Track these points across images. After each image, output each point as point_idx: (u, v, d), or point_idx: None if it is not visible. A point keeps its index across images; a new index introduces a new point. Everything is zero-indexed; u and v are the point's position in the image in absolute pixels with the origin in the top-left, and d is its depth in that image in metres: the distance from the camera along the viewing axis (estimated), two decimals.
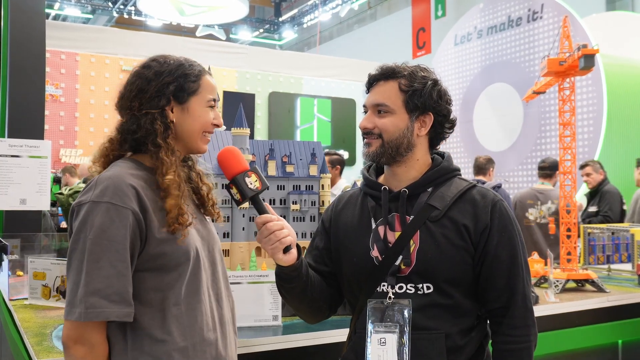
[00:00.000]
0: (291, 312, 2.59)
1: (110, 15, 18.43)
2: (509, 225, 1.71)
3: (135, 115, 1.65)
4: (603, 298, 3.14)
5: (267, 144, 2.87)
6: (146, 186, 1.58)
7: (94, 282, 1.45)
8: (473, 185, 1.75)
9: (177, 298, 1.57)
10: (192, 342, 1.58)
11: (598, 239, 4.16)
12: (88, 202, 1.51)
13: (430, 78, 1.76)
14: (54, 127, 9.21)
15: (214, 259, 1.73)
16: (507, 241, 1.70)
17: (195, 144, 1.71)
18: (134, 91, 1.65)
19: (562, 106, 3.42)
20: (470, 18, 9.71)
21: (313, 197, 2.81)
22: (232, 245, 2.70)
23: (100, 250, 1.46)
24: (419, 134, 1.75)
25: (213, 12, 13.74)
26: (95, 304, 1.44)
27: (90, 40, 9.78)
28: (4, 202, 3.75)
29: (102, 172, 1.60)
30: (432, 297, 1.66)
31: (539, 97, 8.06)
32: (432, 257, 1.66)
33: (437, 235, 1.67)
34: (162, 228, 1.56)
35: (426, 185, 1.74)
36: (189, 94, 1.68)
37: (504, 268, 1.69)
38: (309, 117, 11.73)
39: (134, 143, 1.66)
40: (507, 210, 1.73)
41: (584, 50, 3.22)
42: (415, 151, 1.76)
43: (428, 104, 1.73)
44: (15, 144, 3.83)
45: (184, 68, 1.69)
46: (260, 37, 21.52)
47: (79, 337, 1.47)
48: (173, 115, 1.66)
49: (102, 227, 1.47)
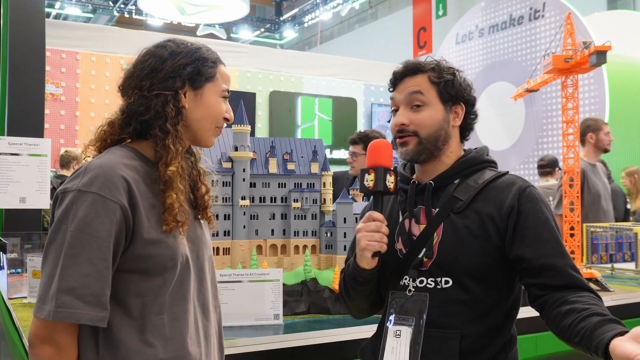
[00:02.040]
0: (292, 311, 2.57)
1: (111, 15, 18.43)
2: (545, 210, 1.64)
3: (144, 96, 1.50)
4: (607, 297, 3.12)
5: (268, 142, 2.85)
6: (139, 179, 1.45)
7: (69, 280, 1.31)
8: (502, 174, 1.72)
9: (160, 307, 1.44)
10: (173, 355, 1.45)
11: (601, 238, 4.13)
12: (74, 190, 1.37)
13: (456, 69, 1.79)
14: (54, 126, 9.19)
15: (202, 266, 1.60)
16: (544, 223, 1.61)
17: (205, 135, 1.58)
18: (145, 69, 1.52)
19: (565, 104, 3.39)
20: (471, 17, 9.68)
21: (314, 194, 2.79)
22: (233, 243, 2.68)
23: (81, 245, 1.33)
24: (454, 125, 1.76)
25: (214, 11, 13.72)
26: (68, 304, 1.30)
27: (91, 39, 9.76)
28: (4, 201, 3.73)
29: (95, 158, 1.45)
30: (450, 292, 1.62)
31: (541, 96, 8.08)
32: (452, 249, 1.63)
33: (458, 227, 1.64)
34: (152, 228, 1.42)
35: (453, 177, 1.73)
36: (206, 79, 1.56)
37: (551, 248, 1.59)
38: (310, 116, 11.70)
39: (139, 126, 1.51)
40: (540, 196, 1.67)
41: (596, 47, 3.19)
42: (450, 143, 1.76)
43: (459, 94, 1.75)
44: (15, 142, 3.81)
45: (202, 52, 1.57)
46: (261, 37, 21.51)
47: (47, 337, 1.34)
48: (186, 100, 1.53)
49: (85, 220, 1.34)
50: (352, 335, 2.31)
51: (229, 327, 2.35)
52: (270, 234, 2.76)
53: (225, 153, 2.73)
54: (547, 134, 8.16)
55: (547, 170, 5.55)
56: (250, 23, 20.57)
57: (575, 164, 3.39)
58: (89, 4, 18.06)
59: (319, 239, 2.77)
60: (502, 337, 1.66)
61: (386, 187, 1.65)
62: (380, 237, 1.63)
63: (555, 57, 3.35)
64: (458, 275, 1.63)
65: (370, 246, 1.63)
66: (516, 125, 8.54)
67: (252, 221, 2.73)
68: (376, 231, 1.63)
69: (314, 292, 2.60)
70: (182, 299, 1.49)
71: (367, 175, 1.66)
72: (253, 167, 2.75)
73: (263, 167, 2.77)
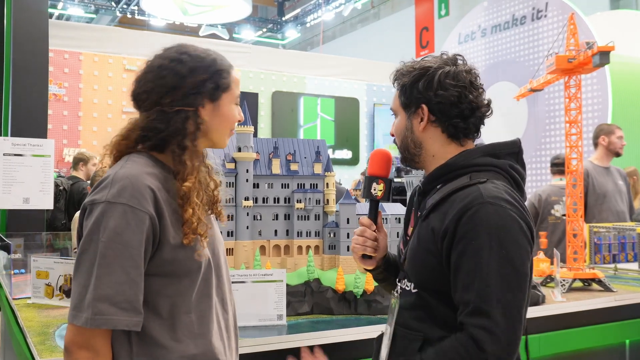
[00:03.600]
0: (295, 312, 2.57)
1: (113, 15, 18.43)
2: (484, 234, 1.45)
3: (164, 112, 1.54)
4: (610, 297, 3.12)
5: (272, 142, 2.86)
6: (161, 187, 1.50)
7: (104, 288, 1.38)
8: (472, 184, 1.55)
9: (188, 306, 1.52)
10: (202, 350, 1.52)
11: (604, 238, 4.12)
12: (103, 201, 1.42)
13: (419, 68, 1.66)
14: (57, 127, 9.20)
15: (219, 262, 1.67)
16: (474, 252, 1.44)
17: (221, 140, 1.66)
18: (165, 87, 1.54)
19: (568, 104, 3.38)
20: (474, 16, 9.67)
21: (317, 195, 2.79)
22: (237, 244, 2.68)
23: (114, 254, 1.39)
24: (421, 129, 1.68)
25: (216, 11, 13.72)
26: (104, 311, 1.37)
27: (94, 39, 9.77)
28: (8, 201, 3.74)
29: (118, 169, 1.49)
30: (416, 297, 1.63)
31: (544, 96, 8.07)
32: (411, 258, 1.64)
33: (416, 236, 1.64)
34: (177, 234, 1.48)
35: (435, 181, 1.68)
36: (222, 90, 1.60)
37: (462, 279, 1.46)
38: (312, 117, 11.70)
39: (157, 142, 1.55)
40: (490, 215, 1.47)
41: (599, 47, 3.18)
42: (426, 147, 1.69)
43: (415, 97, 1.66)
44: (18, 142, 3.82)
45: (218, 64, 1.61)
46: (263, 37, 21.50)
47: (84, 343, 1.40)
48: (205, 113, 1.57)
49: (117, 230, 1.39)
50: (355, 335, 2.32)
51: None
52: (273, 234, 2.77)
53: (229, 154, 2.73)
54: (549, 134, 8.14)
55: (561, 169, 5.54)
56: (252, 23, 20.56)
57: (578, 165, 3.39)
58: (91, 5, 18.07)
59: (322, 240, 2.77)
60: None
61: (371, 194, 1.77)
62: (363, 241, 1.75)
63: (559, 58, 3.35)
64: (415, 283, 1.63)
65: (355, 249, 1.77)
66: (519, 125, 8.52)
67: (255, 222, 2.73)
68: (360, 235, 1.76)
69: (317, 293, 2.60)
70: (206, 297, 1.57)
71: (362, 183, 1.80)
72: (256, 168, 2.75)
73: (266, 168, 2.77)
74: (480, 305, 1.41)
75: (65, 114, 9.39)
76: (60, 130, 9.23)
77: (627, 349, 3.16)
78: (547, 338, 2.82)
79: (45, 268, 2.83)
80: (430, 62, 1.68)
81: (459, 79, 1.64)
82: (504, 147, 1.70)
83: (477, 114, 1.67)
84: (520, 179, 1.69)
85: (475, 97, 1.66)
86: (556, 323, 2.86)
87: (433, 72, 1.65)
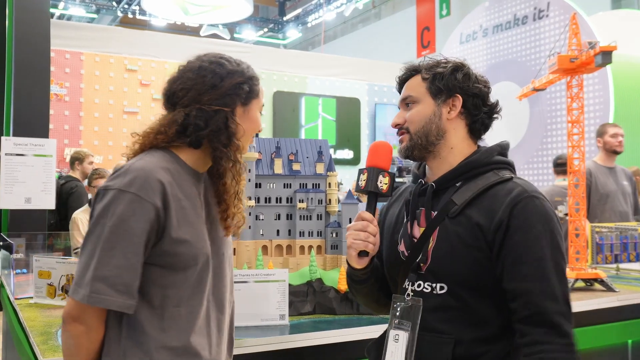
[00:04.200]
0: (298, 312, 2.57)
1: (114, 15, 18.46)
2: (539, 226, 1.53)
3: (203, 110, 1.62)
4: (612, 297, 3.11)
5: (274, 142, 2.85)
6: (173, 182, 1.57)
7: (104, 269, 1.46)
8: (505, 180, 1.61)
9: (179, 299, 1.58)
10: (184, 344, 1.57)
11: (606, 238, 4.12)
12: (115, 189, 1.51)
13: (453, 62, 1.73)
14: (58, 127, 9.21)
15: (222, 264, 1.72)
16: (532, 241, 1.51)
17: (246, 145, 1.73)
18: (206, 85, 1.63)
19: (570, 104, 3.38)
20: (475, 16, 9.67)
21: (320, 195, 2.79)
22: (239, 244, 2.68)
23: (117, 239, 1.47)
24: (449, 118, 1.69)
25: (217, 11, 13.72)
26: (100, 290, 1.45)
27: (95, 39, 9.78)
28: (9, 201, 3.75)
29: (135, 160, 1.58)
30: (445, 299, 1.59)
31: (546, 96, 8.06)
32: (444, 256, 1.60)
33: (451, 234, 1.60)
34: (180, 229, 1.55)
35: (454, 179, 1.67)
36: (253, 97, 1.70)
37: (528, 271, 1.50)
38: (314, 116, 11.71)
39: (195, 138, 1.62)
40: (539, 208, 1.55)
41: (602, 47, 3.17)
42: (448, 137, 1.69)
43: (452, 85, 1.69)
44: (20, 142, 3.82)
45: (251, 71, 1.72)
46: (264, 37, 21.51)
47: (78, 317, 1.49)
48: (237, 116, 1.67)
49: (123, 217, 1.48)
50: (358, 335, 2.31)
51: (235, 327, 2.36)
52: (275, 234, 2.77)
53: None
54: (551, 134, 8.14)
55: (564, 169, 5.54)
56: (253, 23, 20.57)
57: (580, 165, 3.39)
58: (92, 4, 18.09)
59: (325, 240, 2.77)
60: (500, 347, 1.57)
61: (377, 187, 1.67)
62: (366, 237, 1.65)
63: (561, 58, 3.34)
64: (450, 282, 1.59)
65: (354, 244, 1.66)
66: (520, 125, 8.52)
67: (257, 222, 2.73)
68: (362, 230, 1.65)
69: (319, 293, 2.60)
70: (199, 294, 1.62)
71: (362, 175, 1.71)
72: (258, 168, 2.75)
73: (268, 168, 2.77)
74: (553, 291, 1.50)
75: (67, 114, 9.40)
76: (61, 130, 9.24)
77: (630, 349, 3.16)
78: None
79: (48, 268, 2.83)
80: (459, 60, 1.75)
81: (485, 79, 1.74)
82: (507, 147, 1.78)
83: (494, 115, 1.76)
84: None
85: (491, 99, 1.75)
86: None
87: (467, 67, 1.73)
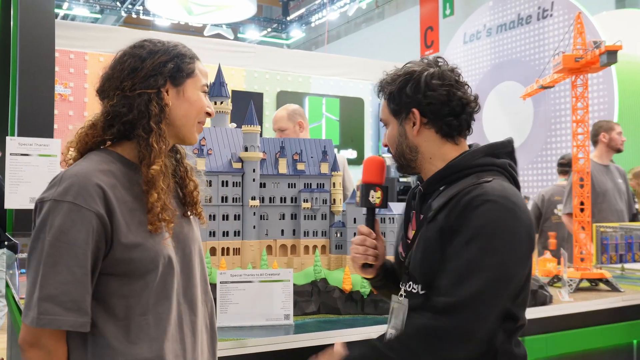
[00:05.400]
0: (302, 311, 2.57)
1: (118, 15, 18.47)
2: (474, 228, 1.49)
3: (127, 96, 1.52)
4: (617, 297, 3.11)
5: (278, 142, 2.86)
6: (117, 184, 1.47)
7: (49, 287, 1.36)
8: (478, 184, 1.57)
9: (143, 307, 1.48)
10: (157, 354, 1.48)
11: (611, 238, 4.11)
12: (50, 199, 1.40)
13: (404, 74, 1.69)
14: (63, 126, 9.21)
15: (191, 262, 1.62)
16: (463, 243, 1.49)
17: (189, 132, 1.60)
18: (125, 70, 1.53)
19: (575, 103, 3.37)
20: (479, 16, 9.65)
21: (324, 195, 2.79)
22: (243, 244, 2.68)
23: (59, 253, 1.36)
24: (415, 134, 1.69)
25: (221, 11, 13.73)
26: (49, 311, 1.35)
27: (99, 39, 9.78)
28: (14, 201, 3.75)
29: (71, 166, 1.48)
30: (424, 299, 1.62)
31: (550, 95, 8.05)
32: (418, 260, 1.64)
33: (423, 238, 1.64)
34: (131, 233, 1.45)
35: (438, 183, 1.69)
36: (186, 75, 1.58)
37: (448, 271, 1.51)
38: (318, 116, 11.70)
39: (122, 127, 1.52)
40: (490, 212, 1.50)
41: (607, 46, 3.17)
42: (422, 151, 1.70)
43: (405, 102, 1.68)
44: (25, 142, 3.82)
45: (179, 48, 1.60)
46: (268, 37, 21.51)
47: (35, 342, 1.39)
48: (168, 97, 1.55)
49: (62, 229, 1.37)
50: (362, 335, 2.31)
51: (239, 327, 2.36)
52: (280, 234, 2.77)
53: (235, 153, 2.73)
54: (555, 134, 8.12)
55: (565, 170, 5.54)
56: (257, 23, 20.57)
57: (585, 164, 3.38)
58: (96, 5, 18.11)
59: (329, 239, 2.77)
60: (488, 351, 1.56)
61: (370, 203, 1.76)
62: (364, 250, 1.74)
63: (566, 57, 3.34)
64: (423, 284, 1.63)
65: (355, 258, 1.76)
66: (524, 125, 8.51)
67: (262, 221, 2.74)
68: (361, 244, 1.75)
69: (324, 293, 2.60)
70: (165, 299, 1.52)
71: (357, 192, 1.79)
72: (263, 168, 2.75)
73: (273, 168, 2.77)
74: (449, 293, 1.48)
75: (71, 114, 9.41)
76: (65, 130, 9.23)
77: (635, 349, 3.15)
78: (554, 338, 2.81)
79: None
80: (413, 66, 1.70)
81: (444, 78, 1.67)
82: (502, 147, 1.73)
83: (467, 110, 1.70)
84: (517, 177, 1.73)
85: (463, 94, 1.69)
86: (563, 323, 2.86)
87: (418, 75, 1.67)
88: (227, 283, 2.39)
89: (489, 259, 1.47)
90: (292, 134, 4.13)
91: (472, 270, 1.46)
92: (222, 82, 2.84)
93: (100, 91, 1.59)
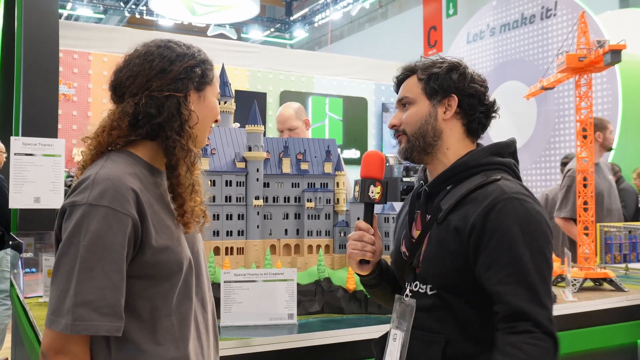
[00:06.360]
0: (306, 311, 2.57)
1: (122, 15, 18.50)
2: (515, 227, 1.48)
3: (154, 97, 1.49)
4: (621, 297, 3.10)
5: (282, 142, 2.86)
6: (143, 187, 1.47)
7: (85, 293, 1.33)
8: (489, 182, 1.58)
9: (169, 309, 1.49)
10: (184, 354, 1.49)
11: (615, 238, 4.11)
12: (84, 204, 1.37)
13: (449, 62, 1.72)
14: (66, 126, 9.24)
15: (199, 261, 1.63)
16: (508, 245, 1.47)
17: (203, 136, 1.61)
18: (153, 70, 1.50)
19: (579, 103, 3.37)
20: (483, 16, 9.65)
21: (328, 194, 2.79)
22: (247, 243, 2.69)
23: (95, 258, 1.34)
24: (445, 118, 1.70)
25: (224, 11, 13.75)
26: (85, 316, 1.33)
27: (103, 39, 9.80)
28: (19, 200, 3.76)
29: (98, 169, 1.44)
30: (434, 300, 1.62)
31: (553, 95, 8.03)
32: (430, 260, 1.64)
33: (436, 239, 1.63)
34: (159, 236, 1.46)
35: (445, 183, 1.69)
36: (207, 82, 1.59)
37: (507, 274, 1.47)
38: (321, 116, 11.70)
39: (150, 129, 1.50)
40: (518, 210, 1.51)
41: (611, 45, 3.16)
42: (444, 138, 1.70)
43: (447, 85, 1.69)
44: (29, 142, 3.83)
45: (202, 54, 1.60)
46: (271, 36, 21.51)
47: (62, 348, 1.36)
48: (191, 102, 1.55)
49: (99, 234, 1.35)
50: (366, 334, 2.32)
51: (243, 326, 2.37)
52: (283, 233, 2.77)
53: (239, 153, 2.73)
54: (559, 134, 8.11)
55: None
56: (260, 23, 20.58)
57: (589, 164, 3.37)
58: (100, 5, 18.15)
59: (333, 239, 2.77)
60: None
61: (369, 198, 1.73)
62: (362, 246, 1.71)
63: (569, 56, 3.33)
64: (436, 285, 1.62)
65: (353, 254, 1.73)
66: (528, 124, 8.50)
67: (265, 221, 2.74)
68: (358, 240, 1.72)
69: (327, 292, 2.60)
70: (187, 299, 1.54)
71: (356, 187, 1.76)
72: (266, 167, 2.76)
73: (276, 167, 2.78)
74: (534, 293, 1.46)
75: (75, 114, 9.43)
76: (69, 130, 9.27)
77: (639, 349, 3.14)
78: None
79: None
80: (456, 60, 1.74)
81: (482, 79, 1.73)
82: (506, 146, 1.75)
83: (491, 114, 1.75)
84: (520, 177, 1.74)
85: (489, 98, 1.74)
86: (567, 323, 2.85)
87: (464, 68, 1.71)
88: (231, 282, 2.40)
89: (543, 261, 1.50)
90: (301, 132, 4.12)
91: (530, 273, 1.47)
92: (226, 82, 2.85)
93: (120, 87, 1.54)
